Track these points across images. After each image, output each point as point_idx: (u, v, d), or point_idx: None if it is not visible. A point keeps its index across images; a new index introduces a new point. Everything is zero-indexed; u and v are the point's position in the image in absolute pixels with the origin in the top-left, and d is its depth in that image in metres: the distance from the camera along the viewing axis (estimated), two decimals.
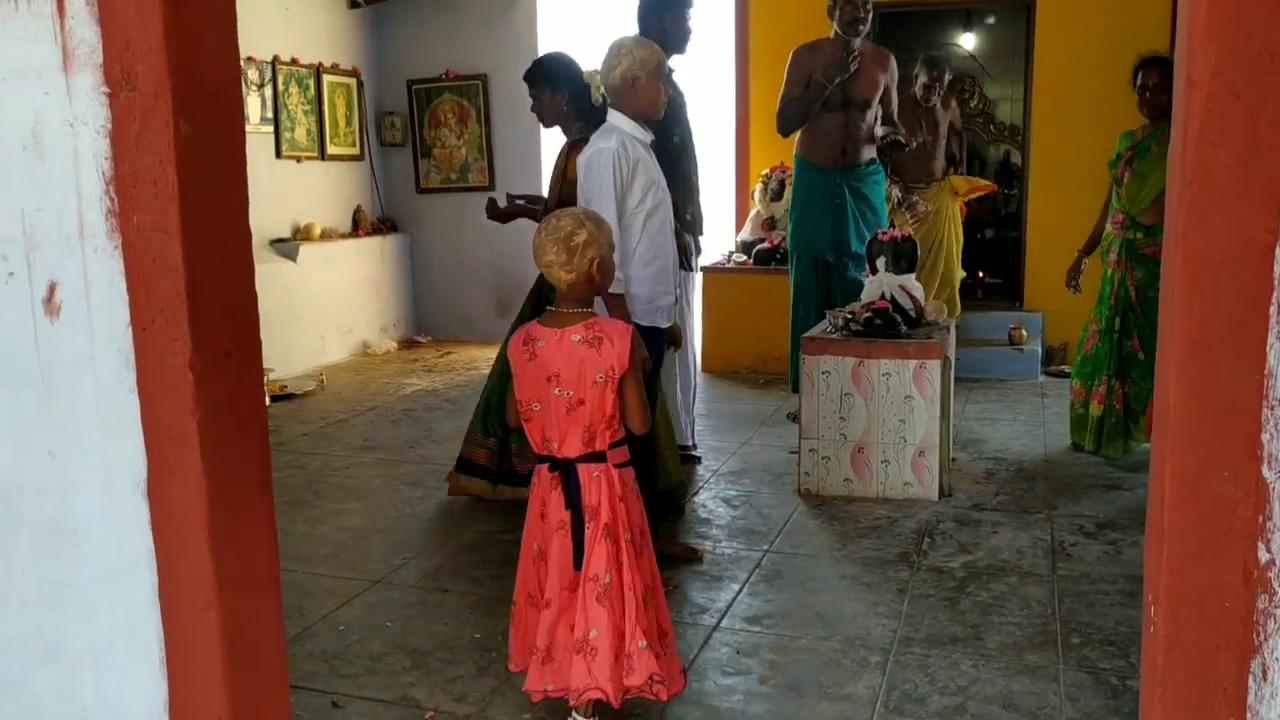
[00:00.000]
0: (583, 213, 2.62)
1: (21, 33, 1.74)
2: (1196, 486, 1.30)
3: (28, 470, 1.87)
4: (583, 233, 2.52)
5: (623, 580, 2.50)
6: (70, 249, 1.76)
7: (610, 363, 2.46)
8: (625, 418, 2.55)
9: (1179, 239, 1.28)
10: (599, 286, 2.61)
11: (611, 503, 2.52)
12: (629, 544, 2.52)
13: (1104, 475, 4.71)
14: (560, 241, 2.52)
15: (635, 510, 2.58)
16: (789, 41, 7.45)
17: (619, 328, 2.51)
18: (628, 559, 2.51)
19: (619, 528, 2.51)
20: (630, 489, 2.57)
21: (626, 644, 2.48)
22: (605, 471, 2.52)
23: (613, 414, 2.51)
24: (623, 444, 2.56)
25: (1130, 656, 2.99)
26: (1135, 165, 4.72)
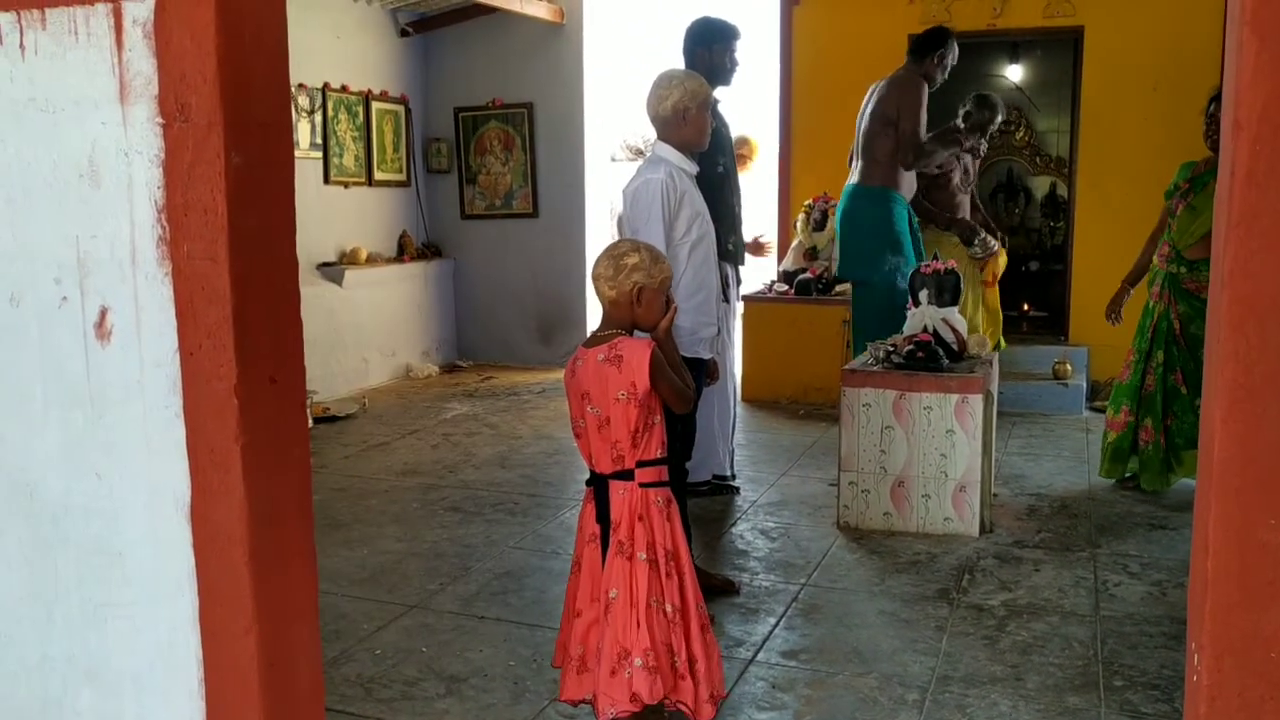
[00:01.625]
0: (647, 245, 2.66)
1: (81, 64, 1.78)
2: (1242, 534, 1.28)
3: (75, 491, 1.90)
4: (634, 257, 2.59)
5: (630, 596, 2.50)
6: (122, 275, 1.80)
7: (630, 379, 2.50)
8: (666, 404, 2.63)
9: (1225, 282, 1.27)
10: (640, 319, 2.61)
11: (630, 520, 2.54)
12: (646, 563, 2.52)
13: (1149, 514, 4.63)
14: (613, 257, 2.60)
15: (660, 530, 2.56)
16: (832, 74, 7.49)
17: (638, 345, 2.55)
18: (639, 576, 2.51)
19: (634, 545, 2.53)
20: (656, 508, 2.57)
21: (629, 659, 2.49)
22: (629, 490, 2.55)
23: (637, 430, 2.54)
24: (656, 464, 2.58)
25: (1174, 701, 2.93)
26: (1190, 199, 4.67)
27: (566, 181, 8.36)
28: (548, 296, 8.55)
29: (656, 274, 2.59)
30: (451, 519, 4.68)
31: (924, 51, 5.50)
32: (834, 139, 7.52)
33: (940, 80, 5.54)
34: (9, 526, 1.97)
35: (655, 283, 2.59)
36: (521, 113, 8.35)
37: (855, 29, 7.46)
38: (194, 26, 1.68)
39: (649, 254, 2.60)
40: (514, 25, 8.12)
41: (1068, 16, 7.02)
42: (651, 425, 2.57)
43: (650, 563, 2.53)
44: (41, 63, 1.81)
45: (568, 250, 8.43)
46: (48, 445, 1.91)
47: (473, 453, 5.87)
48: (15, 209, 1.87)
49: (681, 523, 2.66)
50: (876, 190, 5.54)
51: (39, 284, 1.87)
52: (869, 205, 5.57)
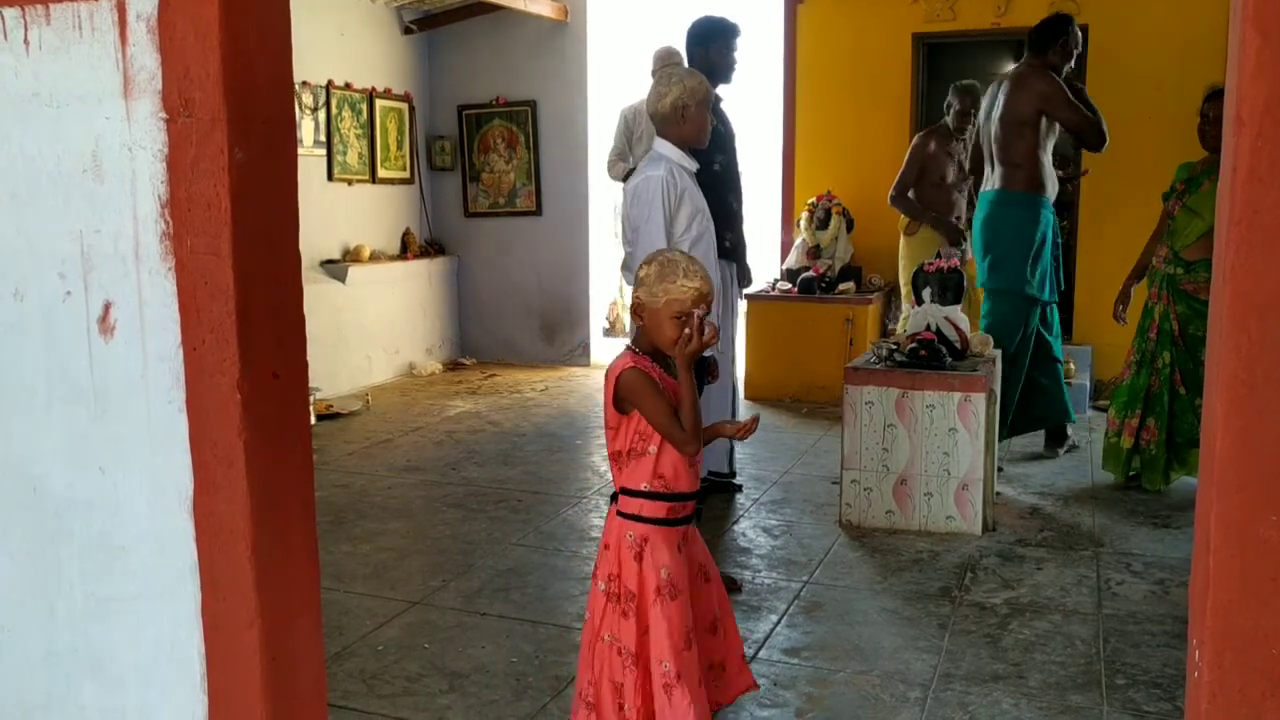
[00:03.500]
0: (666, 259, 2.36)
1: (85, 59, 1.79)
2: (1243, 531, 1.28)
3: (79, 486, 1.91)
4: (644, 269, 2.38)
5: (590, 622, 2.43)
6: (125, 270, 1.80)
7: (607, 397, 2.38)
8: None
9: (1226, 278, 1.27)
10: (641, 330, 2.41)
11: (602, 545, 2.46)
12: (604, 594, 2.39)
13: (1151, 513, 4.62)
14: (643, 266, 2.41)
15: (627, 568, 2.36)
16: (836, 73, 7.49)
17: (620, 360, 2.38)
18: (595, 604, 2.41)
19: (596, 573, 2.44)
20: (626, 545, 2.37)
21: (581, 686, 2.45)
22: (611, 512, 2.45)
23: (617, 452, 2.40)
24: (640, 497, 2.37)
25: (1176, 700, 2.93)
26: (1186, 199, 4.67)
27: (570, 180, 8.36)
28: (551, 295, 8.56)
29: (659, 293, 2.31)
30: (454, 516, 4.69)
31: (1046, 42, 5.23)
32: (838, 137, 7.55)
33: (1066, 70, 5.27)
34: (12, 521, 1.98)
35: (658, 302, 2.32)
36: (525, 111, 8.36)
37: (859, 27, 7.45)
38: (198, 22, 1.68)
39: (658, 269, 2.34)
40: (518, 23, 8.13)
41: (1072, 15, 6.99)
42: (638, 453, 2.37)
43: (608, 595, 2.38)
44: (45, 58, 1.82)
45: (571, 248, 8.44)
46: (51, 440, 1.92)
47: (475, 450, 5.87)
48: (19, 204, 1.87)
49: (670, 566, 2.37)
50: (1021, 195, 5.29)
51: (43, 279, 1.87)
52: (1016, 210, 5.29)
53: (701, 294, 2.31)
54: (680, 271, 2.31)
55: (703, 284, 2.32)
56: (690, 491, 2.41)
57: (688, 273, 2.32)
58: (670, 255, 2.39)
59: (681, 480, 2.38)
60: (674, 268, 2.33)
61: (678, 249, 2.37)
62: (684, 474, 2.39)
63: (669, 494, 2.38)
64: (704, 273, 2.34)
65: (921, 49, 7.48)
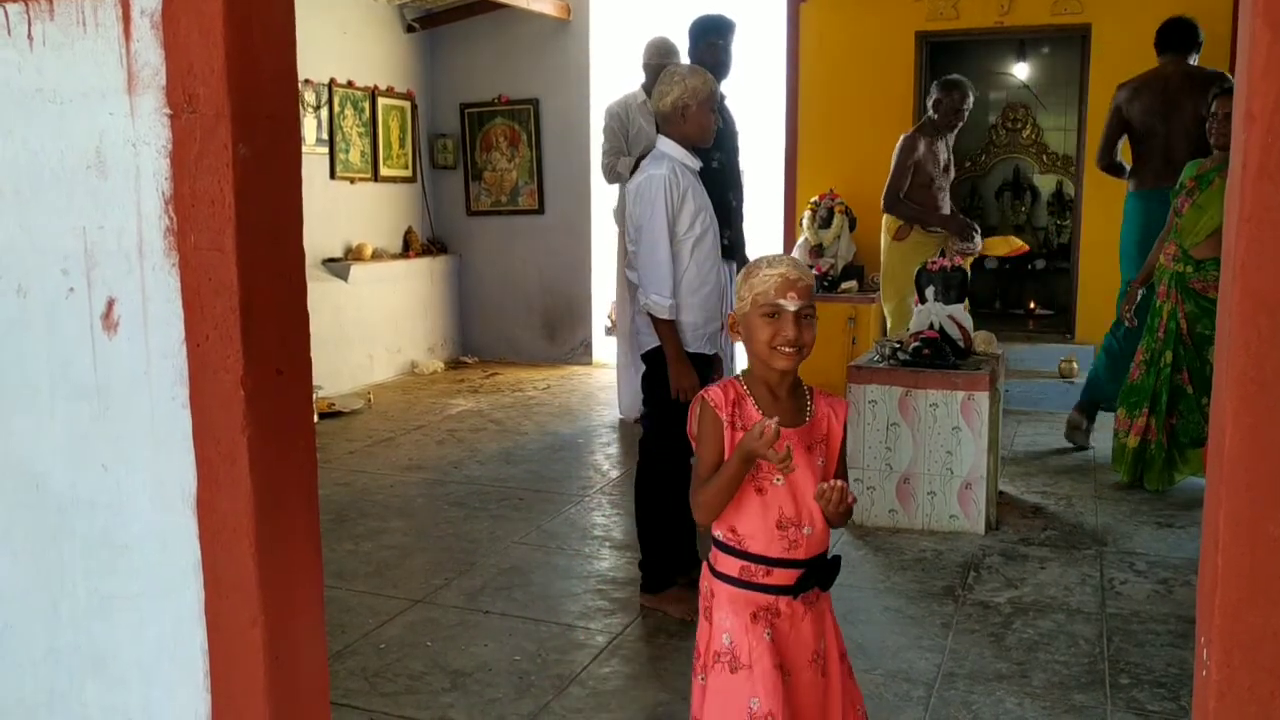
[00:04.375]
0: (757, 258, 2.11)
1: (89, 55, 1.78)
2: (1252, 528, 1.27)
3: (81, 483, 1.91)
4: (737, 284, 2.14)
5: None
6: (129, 266, 1.80)
7: None
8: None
9: (1236, 275, 1.26)
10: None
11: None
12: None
13: (1156, 512, 4.62)
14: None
15: (700, 621, 2.14)
16: (839, 72, 7.48)
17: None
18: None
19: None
20: (701, 590, 2.16)
21: None
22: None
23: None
24: (714, 540, 2.11)
25: (1181, 699, 2.93)
26: (1196, 197, 4.66)
27: (572, 178, 8.35)
28: (553, 293, 8.55)
29: (745, 294, 2.05)
30: (456, 514, 4.68)
31: (1191, 45, 5.41)
32: (840, 136, 7.53)
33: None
34: (16, 519, 1.97)
35: (746, 305, 2.05)
36: (527, 109, 8.35)
37: (862, 26, 7.44)
38: (201, 17, 1.68)
39: (742, 275, 2.09)
40: (520, 21, 8.12)
41: (1075, 14, 6.99)
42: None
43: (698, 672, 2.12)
44: (49, 53, 1.81)
45: (573, 247, 8.43)
46: (54, 437, 1.91)
47: (477, 449, 5.87)
48: (23, 200, 1.87)
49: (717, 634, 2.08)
50: (1144, 192, 5.51)
51: (46, 275, 1.87)
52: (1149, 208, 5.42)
53: (788, 280, 2.01)
54: (763, 263, 2.06)
55: (789, 269, 2.02)
56: (772, 557, 2.04)
57: (770, 262, 2.05)
58: (755, 258, 2.14)
59: (755, 540, 2.04)
60: (756, 264, 2.08)
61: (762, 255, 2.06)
62: (761, 534, 2.04)
63: (739, 551, 2.06)
64: (791, 260, 2.05)
65: (924, 47, 7.46)
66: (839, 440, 2.12)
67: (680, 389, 3.41)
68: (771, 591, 2.05)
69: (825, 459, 2.09)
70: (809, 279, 2.05)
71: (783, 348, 2.00)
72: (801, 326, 2.01)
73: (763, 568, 2.04)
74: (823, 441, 2.09)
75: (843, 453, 2.15)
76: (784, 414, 2.01)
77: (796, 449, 2.00)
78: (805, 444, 2.06)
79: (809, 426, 2.08)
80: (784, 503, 2.03)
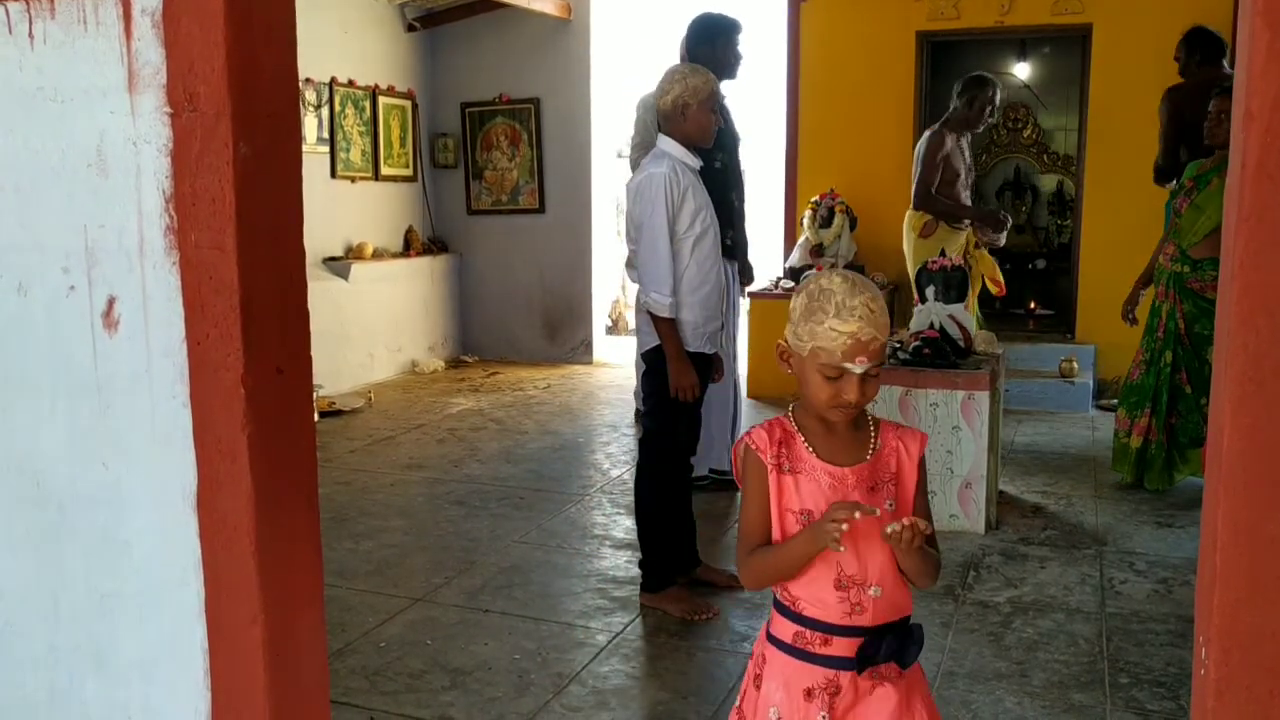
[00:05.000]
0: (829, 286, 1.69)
1: (90, 53, 1.78)
2: (1251, 528, 1.27)
3: (82, 481, 1.91)
4: (794, 301, 1.78)
5: None
6: (130, 265, 1.80)
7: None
8: None
9: (1234, 275, 1.26)
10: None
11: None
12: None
13: (1156, 512, 4.62)
14: (794, 295, 1.79)
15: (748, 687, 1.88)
16: (839, 71, 7.48)
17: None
18: None
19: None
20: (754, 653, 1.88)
21: None
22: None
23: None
24: (774, 599, 1.83)
25: (1180, 699, 2.93)
26: (1194, 197, 4.66)
27: (573, 178, 8.36)
28: (553, 292, 8.56)
29: (804, 336, 1.69)
30: (456, 513, 4.68)
31: (1220, 55, 5.50)
32: (841, 136, 7.54)
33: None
34: (16, 516, 1.98)
35: (804, 348, 1.70)
36: (528, 108, 8.35)
37: (863, 25, 7.45)
38: (202, 15, 1.68)
39: (804, 302, 1.71)
40: (521, 21, 8.12)
41: (1076, 14, 7.00)
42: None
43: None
44: (50, 52, 1.81)
45: (574, 246, 8.43)
46: (55, 435, 1.91)
47: (478, 448, 5.87)
48: (23, 198, 1.87)
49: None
50: None
51: (47, 273, 1.87)
52: None
53: (860, 343, 1.64)
54: (832, 308, 1.64)
55: (863, 328, 1.63)
56: (831, 623, 1.72)
57: (842, 310, 1.64)
58: (825, 284, 1.68)
59: (814, 605, 1.73)
60: (825, 301, 1.66)
61: (837, 274, 1.68)
62: (817, 595, 1.72)
63: (793, 613, 1.76)
64: (867, 310, 1.64)
65: (925, 47, 7.47)
66: (913, 479, 1.78)
67: (680, 388, 3.41)
68: (831, 665, 1.72)
69: (895, 501, 1.76)
70: (883, 335, 1.67)
71: (843, 409, 1.71)
72: (866, 388, 1.68)
73: (820, 635, 1.73)
74: (891, 481, 1.76)
75: (921, 495, 1.79)
76: (841, 449, 1.75)
77: (856, 490, 1.72)
78: (867, 485, 1.74)
79: (872, 463, 1.76)
80: (844, 558, 1.69)
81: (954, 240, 5.98)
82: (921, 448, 1.79)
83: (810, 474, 1.74)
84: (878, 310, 1.66)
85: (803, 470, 1.74)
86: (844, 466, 1.74)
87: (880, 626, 1.72)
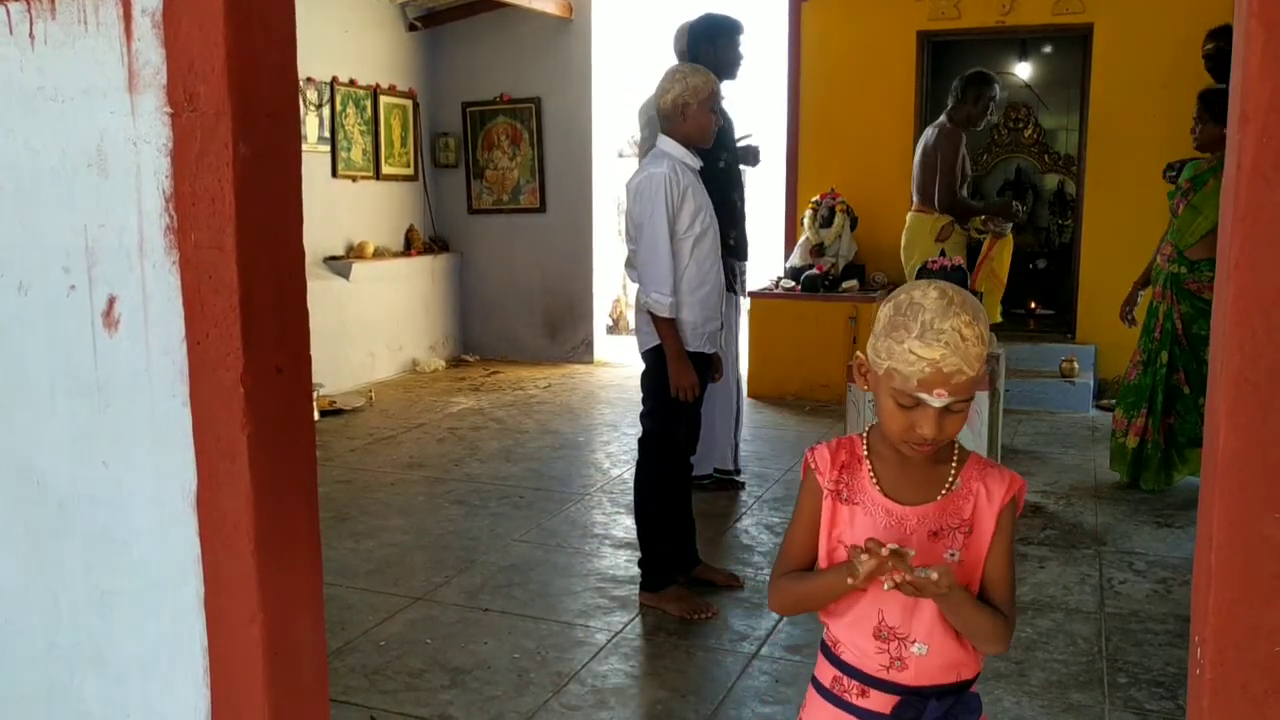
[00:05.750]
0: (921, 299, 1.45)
1: (90, 53, 1.79)
2: (1246, 528, 1.27)
3: (81, 480, 1.91)
4: (881, 309, 1.55)
5: None
6: (130, 264, 1.80)
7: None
8: None
9: (1230, 275, 1.26)
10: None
11: None
12: None
13: (1155, 512, 4.62)
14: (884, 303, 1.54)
15: None
16: (840, 71, 7.48)
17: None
18: None
19: None
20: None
21: None
22: None
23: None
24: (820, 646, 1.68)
25: (1179, 699, 2.93)
26: (1191, 198, 4.66)
27: (574, 177, 8.36)
28: (554, 292, 8.56)
29: (882, 353, 1.48)
30: (457, 512, 4.69)
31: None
32: (842, 135, 7.54)
33: None
34: (16, 515, 1.98)
35: (880, 366, 1.49)
36: (529, 108, 8.35)
37: (864, 25, 7.45)
38: (202, 15, 1.68)
39: (890, 313, 1.49)
40: (522, 20, 8.12)
41: (1077, 14, 7.00)
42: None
43: None
44: (50, 52, 1.82)
45: (575, 246, 8.43)
46: (55, 433, 1.92)
47: (478, 447, 5.87)
48: (24, 198, 1.87)
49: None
50: None
51: (47, 273, 1.87)
52: None
53: (941, 374, 1.42)
54: (917, 327, 1.43)
55: (945, 357, 1.41)
56: (867, 674, 1.56)
57: (927, 332, 1.42)
58: (918, 296, 1.46)
59: (852, 650, 1.57)
60: (912, 318, 1.44)
61: (935, 287, 1.46)
62: (859, 644, 1.55)
63: (834, 656, 1.61)
64: (958, 338, 1.41)
65: (926, 47, 7.47)
66: (989, 530, 1.53)
67: (680, 387, 3.41)
68: (867, 718, 1.57)
69: (961, 552, 1.53)
70: (973, 368, 1.43)
71: (916, 445, 1.49)
72: (945, 423, 1.47)
73: (858, 684, 1.57)
74: (962, 528, 1.53)
75: (999, 551, 1.54)
76: (911, 484, 1.55)
77: (915, 535, 1.52)
78: (930, 529, 1.52)
79: (941, 504, 1.54)
80: (886, 606, 1.50)
81: (958, 241, 6.00)
82: (1009, 494, 1.54)
83: (868, 508, 1.55)
84: (971, 338, 1.41)
85: (861, 502, 1.56)
86: (908, 505, 1.53)
87: (925, 688, 1.53)
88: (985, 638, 1.52)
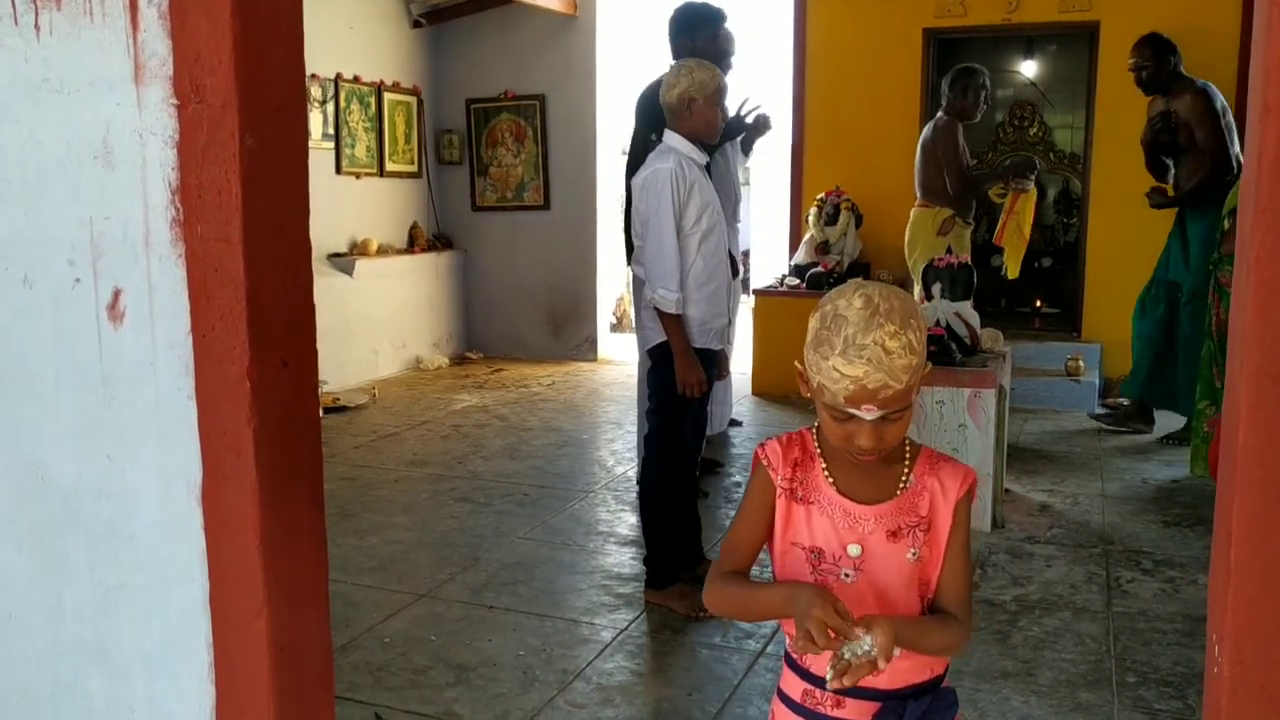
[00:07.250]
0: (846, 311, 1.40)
1: (96, 44, 1.77)
2: (1266, 524, 1.26)
3: (87, 474, 1.90)
4: (811, 318, 1.48)
5: None
6: (135, 257, 1.79)
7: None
8: None
9: (1251, 269, 1.25)
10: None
11: None
12: None
13: (1162, 511, 4.60)
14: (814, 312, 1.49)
15: None
16: (845, 66, 7.45)
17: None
18: None
19: None
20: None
21: None
22: None
23: None
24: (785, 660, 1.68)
25: (1188, 698, 2.91)
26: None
27: (578, 174, 8.34)
28: (558, 289, 8.54)
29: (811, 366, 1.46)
30: (461, 509, 4.68)
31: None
32: (847, 133, 7.52)
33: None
34: (20, 510, 1.97)
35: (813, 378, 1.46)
36: (533, 105, 8.34)
37: (869, 22, 7.43)
38: (209, 7, 1.67)
39: (816, 325, 1.45)
40: (527, 17, 8.10)
41: (1083, 11, 6.97)
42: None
43: None
44: (56, 43, 1.81)
45: (579, 243, 8.42)
46: (59, 428, 1.91)
47: (482, 444, 5.86)
48: (29, 190, 1.86)
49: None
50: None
51: (52, 265, 1.86)
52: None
53: (867, 390, 1.37)
54: (840, 342, 1.38)
55: (869, 374, 1.36)
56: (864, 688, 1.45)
57: (849, 349, 1.37)
58: (842, 307, 1.41)
59: (819, 660, 1.50)
60: (835, 332, 1.39)
61: (861, 294, 1.40)
62: (827, 653, 1.39)
63: (801, 668, 1.57)
64: (880, 352, 1.36)
65: (932, 44, 7.44)
66: (947, 526, 1.51)
67: (686, 384, 3.40)
68: None
69: (920, 550, 1.50)
70: (900, 380, 1.38)
71: (857, 455, 1.46)
72: (883, 432, 1.43)
73: (831, 695, 1.52)
74: (920, 526, 1.50)
75: (955, 548, 1.51)
76: (865, 482, 1.51)
77: (874, 535, 1.49)
78: (888, 528, 1.50)
79: (898, 503, 1.51)
80: (855, 609, 1.43)
81: (962, 237, 5.97)
82: (964, 487, 1.51)
83: (824, 508, 1.51)
84: (896, 350, 1.36)
85: (816, 501, 1.52)
86: (865, 504, 1.50)
87: (901, 690, 1.50)
88: (943, 650, 1.51)
